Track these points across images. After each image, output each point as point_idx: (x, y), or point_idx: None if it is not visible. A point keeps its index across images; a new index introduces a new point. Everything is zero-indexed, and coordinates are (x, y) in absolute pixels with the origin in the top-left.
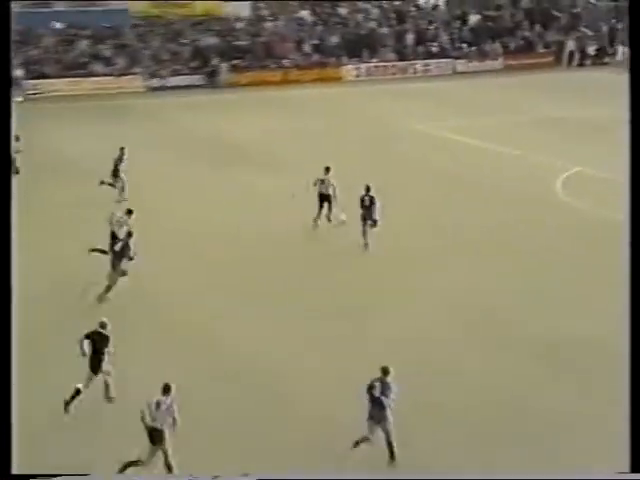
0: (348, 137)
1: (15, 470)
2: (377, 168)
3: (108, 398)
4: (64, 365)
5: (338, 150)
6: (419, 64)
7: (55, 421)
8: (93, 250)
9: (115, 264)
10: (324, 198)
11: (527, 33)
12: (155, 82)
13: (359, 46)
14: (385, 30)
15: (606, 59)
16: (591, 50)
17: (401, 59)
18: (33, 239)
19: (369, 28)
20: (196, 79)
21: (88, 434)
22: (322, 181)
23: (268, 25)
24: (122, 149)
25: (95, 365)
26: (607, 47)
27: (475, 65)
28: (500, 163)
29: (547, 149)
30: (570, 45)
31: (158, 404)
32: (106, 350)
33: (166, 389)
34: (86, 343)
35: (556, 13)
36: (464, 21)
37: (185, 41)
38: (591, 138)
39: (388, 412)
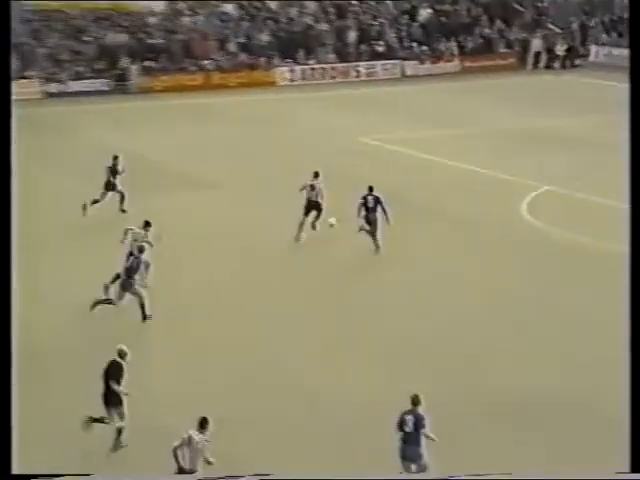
0: (282, 151)
1: (15, 470)
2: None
3: (118, 444)
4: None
5: (271, 166)
6: (363, 66)
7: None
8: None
9: (125, 285)
10: (312, 205)
11: (487, 30)
12: (53, 87)
13: (293, 45)
14: (323, 27)
15: (577, 61)
16: (560, 50)
17: (342, 60)
18: None
19: (305, 24)
20: (102, 84)
21: None
22: (312, 187)
23: (186, 21)
24: (116, 158)
25: (113, 400)
26: (578, 47)
27: (427, 67)
28: (457, 181)
29: (511, 165)
30: (536, 44)
31: (190, 440)
32: (121, 382)
33: (203, 424)
34: (114, 380)
35: (519, 8)
36: (413, 16)
37: (88, 39)
38: (562, 152)
39: (423, 448)
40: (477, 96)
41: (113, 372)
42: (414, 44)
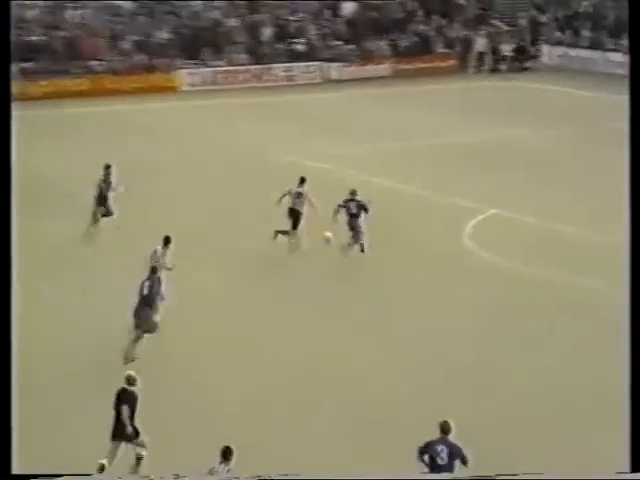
0: (185, 172)
1: (15, 470)
2: (226, 214)
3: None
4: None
5: (175, 190)
6: (279, 69)
7: None
8: None
9: (140, 312)
10: (294, 214)
11: (423, 27)
12: None
13: (198, 44)
14: (233, 22)
15: (527, 63)
16: (507, 51)
17: (255, 62)
18: None
19: (211, 20)
20: None
21: None
22: (298, 194)
23: (71, 14)
24: (108, 167)
25: (120, 431)
26: (528, 47)
27: (354, 70)
28: (390, 203)
29: (451, 185)
30: (479, 44)
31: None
32: (134, 412)
33: (226, 454)
34: (125, 409)
35: (461, 1)
36: (337, 11)
37: None
38: (509, 170)
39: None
40: (412, 104)
41: (128, 402)
42: (339, 43)
